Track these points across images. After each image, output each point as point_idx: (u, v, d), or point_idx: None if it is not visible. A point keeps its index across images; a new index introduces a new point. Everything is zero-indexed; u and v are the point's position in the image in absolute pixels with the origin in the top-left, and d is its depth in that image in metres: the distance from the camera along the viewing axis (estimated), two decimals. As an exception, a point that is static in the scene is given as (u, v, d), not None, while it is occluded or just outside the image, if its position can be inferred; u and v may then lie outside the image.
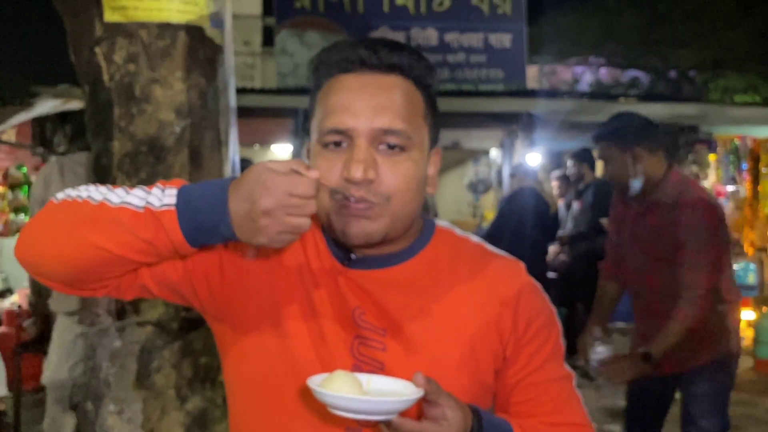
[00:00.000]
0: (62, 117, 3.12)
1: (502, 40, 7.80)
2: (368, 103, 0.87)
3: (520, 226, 4.74)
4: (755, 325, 5.63)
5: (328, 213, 0.90)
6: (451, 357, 0.92)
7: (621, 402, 4.62)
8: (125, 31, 1.87)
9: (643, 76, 13.52)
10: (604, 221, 5.16)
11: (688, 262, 2.27)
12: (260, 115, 5.39)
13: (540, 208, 4.88)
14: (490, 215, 7.47)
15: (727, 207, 6.80)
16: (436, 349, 0.92)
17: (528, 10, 8.24)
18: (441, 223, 1.03)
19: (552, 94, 7.54)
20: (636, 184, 2.42)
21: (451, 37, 7.76)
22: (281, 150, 6.54)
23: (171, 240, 0.79)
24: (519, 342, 0.95)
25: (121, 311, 1.93)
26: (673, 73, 13.02)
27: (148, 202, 0.80)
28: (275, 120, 5.68)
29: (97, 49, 1.89)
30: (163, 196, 0.81)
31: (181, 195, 0.80)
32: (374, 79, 0.89)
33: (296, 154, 6.25)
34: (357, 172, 0.85)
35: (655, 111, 6.40)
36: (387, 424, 0.79)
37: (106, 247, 0.80)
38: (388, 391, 0.82)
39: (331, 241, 0.97)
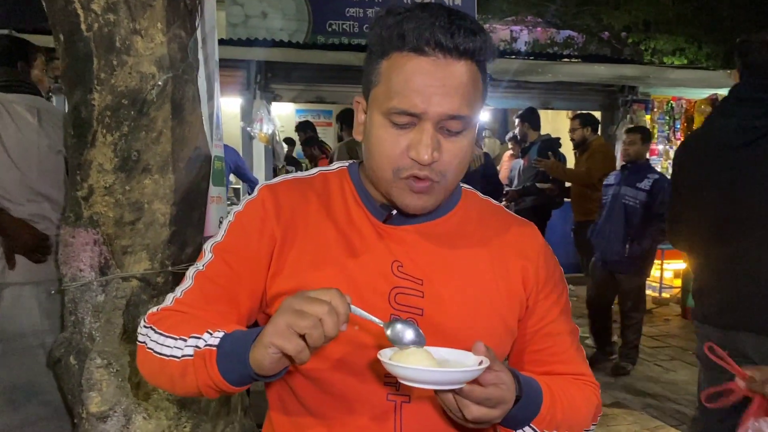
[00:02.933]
0: None
1: (452, -2, 7.80)
2: (438, 89, 0.89)
3: None
4: (683, 276, 6.00)
5: (389, 188, 0.96)
6: (483, 301, 1.00)
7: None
8: (103, -22, 1.81)
9: (577, 36, 13.82)
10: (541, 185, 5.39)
11: None
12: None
13: None
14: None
15: (660, 165, 7.16)
16: (471, 295, 0.99)
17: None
18: (464, 185, 1.11)
19: (500, 53, 7.63)
20: None
21: (403, -6, 7.71)
22: (231, 103, 6.37)
23: (212, 378, 0.86)
24: (539, 294, 1.04)
25: (104, 266, 1.91)
26: (605, 34, 13.36)
27: (196, 346, 0.88)
28: (225, 71, 5.50)
29: (74, -3, 1.83)
30: (209, 338, 0.87)
31: (224, 338, 0.87)
32: (446, 65, 0.90)
33: (246, 108, 6.12)
34: (425, 155, 0.90)
35: (599, 71, 6.63)
36: (457, 392, 0.83)
37: (187, 392, 0.91)
38: (448, 361, 0.86)
39: (370, 201, 1.02)
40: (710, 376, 2.13)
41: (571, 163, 5.85)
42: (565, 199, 5.80)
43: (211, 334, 0.87)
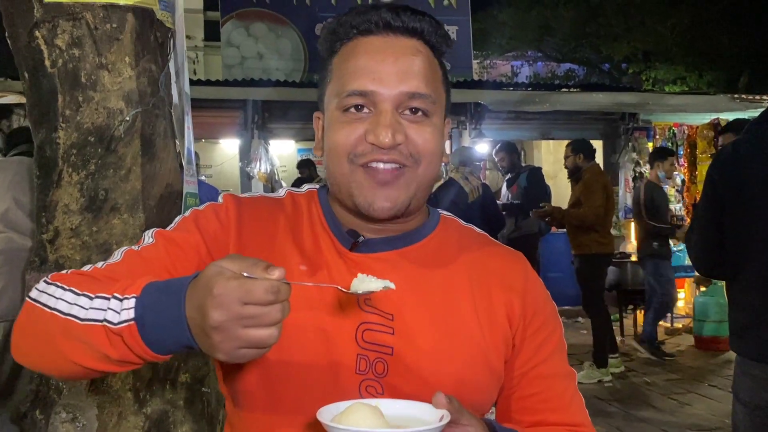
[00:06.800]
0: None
1: (449, 32, 7.81)
2: (393, 66, 0.84)
3: None
4: (693, 305, 5.83)
5: (349, 185, 0.86)
6: (463, 339, 0.88)
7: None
8: (67, 12, 1.75)
9: (578, 69, 13.88)
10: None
11: None
12: (206, 108, 5.23)
13: (457, 199, 4.92)
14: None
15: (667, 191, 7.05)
16: (448, 332, 0.88)
17: (469, 4, 8.34)
18: (444, 212, 1.01)
19: (498, 85, 7.63)
20: None
21: (398, 29, 7.76)
22: (229, 144, 6.38)
23: (139, 355, 0.72)
24: (527, 330, 0.92)
25: (71, 312, 1.81)
26: (606, 66, 13.42)
27: (106, 320, 0.72)
28: (222, 113, 5.54)
29: (37, 33, 1.77)
30: (121, 309, 0.72)
31: (139, 307, 0.72)
32: (397, 41, 0.86)
33: (245, 148, 6.11)
34: (386, 137, 0.82)
35: (598, 99, 6.58)
36: None
37: (86, 365, 0.75)
38: (404, 417, 0.76)
39: (336, 224, 0.92)
40: (756, 418, 1.86)
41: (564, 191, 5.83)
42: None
43: (120, 300, 0.73)
